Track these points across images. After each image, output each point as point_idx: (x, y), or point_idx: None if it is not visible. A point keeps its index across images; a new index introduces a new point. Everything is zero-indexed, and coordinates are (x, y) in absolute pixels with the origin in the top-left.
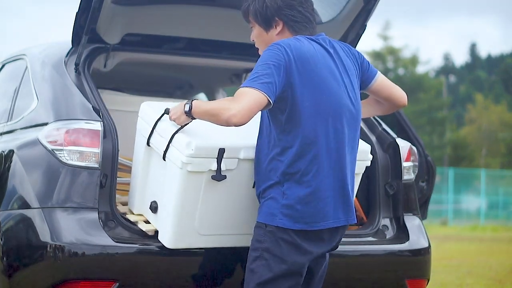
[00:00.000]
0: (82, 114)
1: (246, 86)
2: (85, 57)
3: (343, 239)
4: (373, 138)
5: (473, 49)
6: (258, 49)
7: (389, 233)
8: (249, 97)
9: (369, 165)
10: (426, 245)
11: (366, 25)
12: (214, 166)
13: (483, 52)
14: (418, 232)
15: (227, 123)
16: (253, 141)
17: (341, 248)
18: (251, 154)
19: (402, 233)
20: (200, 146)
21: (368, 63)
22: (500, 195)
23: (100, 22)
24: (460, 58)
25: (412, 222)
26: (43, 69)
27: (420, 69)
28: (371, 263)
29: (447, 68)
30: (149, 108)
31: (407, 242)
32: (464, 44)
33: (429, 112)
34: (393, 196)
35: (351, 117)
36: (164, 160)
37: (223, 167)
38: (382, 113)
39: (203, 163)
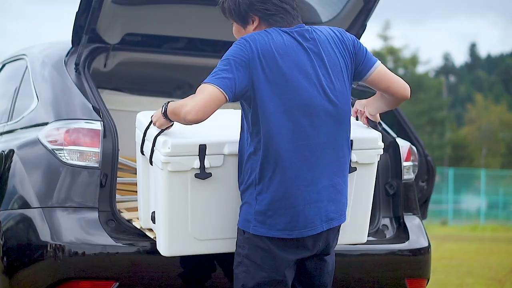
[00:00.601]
0: (82, 113)
1: (204, 82)
2: (85, 57)
3: None
4: None
5: (473, 49)
6: None
7: (389, 233)
8: (204, 93)
9: (382, 153)
10: (426, 244)
11: (366, 25)
12: (196, 164)
13: (483, 52)
14: (418, 232)
15: (184, 121)
16: (237, 135)
17: (341, 247)
18: (237, 149)
19: (402, 233)
20: (177, 144)
21: (366, 51)
22: (500, 195)
23: (100, 22)
24: (460, 58)
25: (412, 221)
26: (43, 69)
27: (420, 69)
28: (371, 263)
29: (447, 68)
30: (143, 117)
31: (407, 242)
32: (464, 44)
33: (429, 112)
34: (393, 195)
35: (329, 116)
36: (151, 164)
37: (207, 164)
38: (388, 107)
39: (183, 161)
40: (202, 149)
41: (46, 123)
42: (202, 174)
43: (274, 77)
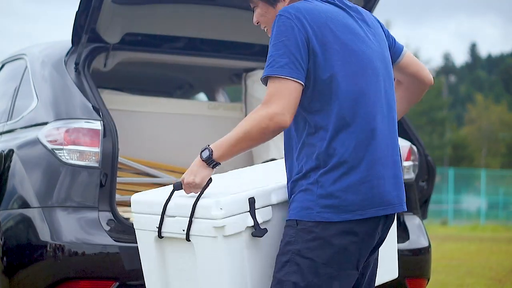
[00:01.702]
0: (82, 113)
1: (270, 75)
2: (85, 56)
3: None
4: None
5: (473, 49)
6: (266, 30)
7: None
8: (283, 89)
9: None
10: (426, 244)
11: None
12: (250, 221)
13: (483, 52)
14: (418, 232)
15: (274, 129)
16: (282, 180)
17: None
18: (284, 196)
19: (402, 233)
20: (229, 201)
21: (393, 36)
22: (500, 195)
23: (100, 22)
24: (460, 58)
25: (412, 221)
26: (43, 68)
27: None
28: None
29: (447, 68)
30: (146, 197)
31: (407, 242)
32: (464, 44)
33: (429, 112)
34: None
35: (387, 81)
36: (188, 240)
37: (259, 219)
38: (410, 104)
39: (238, 221)
40: (252, 202)
41: (46, 123)
42: (259, 231)
43: (330, 43)
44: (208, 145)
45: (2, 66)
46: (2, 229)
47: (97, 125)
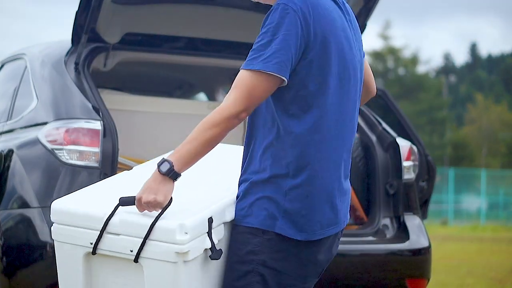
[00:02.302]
0: (82, 113)
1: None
2: (85, 56)
3: (343, 239)
4: (374, 138)
5: (473, 49)
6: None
7: (389, 233)
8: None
9: None
10: (427, 244)
11: (366, 25)
12: (208, 243)
13: (483, 52)
14: (419, 232)
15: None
16: (233, 188)
17: (341, 247)
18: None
19: (402, 233)
20: (193, 225)
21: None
22: (501, 195)
23: (100, 21)
24: (460, 58)
25: (412, 221)
26: (43, 68)
27: (420, 69)
28: (372, 263)
29: (447, 68)
30: (72, 207)
31: (407, 242)
32: (464, 44)
33: (429, 112)
34: (393, 195)
35: (359, 89)
36: (136, 261)
37: (214, 240)
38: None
39: (198, 244)
40: (210, 222)
41: (45, 123)
42: (216, 253)
43: (330, 53)
44: (163, 158)
45: (2, 66)
46: (2, 229)
47: (97, 125)
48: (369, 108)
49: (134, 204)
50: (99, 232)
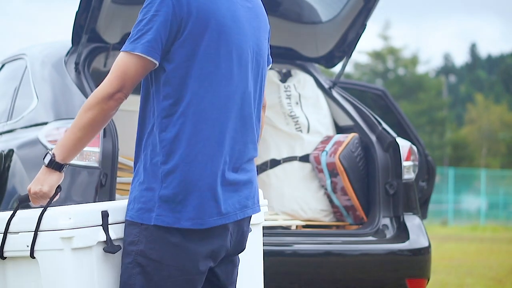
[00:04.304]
0: None
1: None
2: (85, 56)
3: (343, 239)
4: (373, 138)
5: (473, 49)
6: None
7: (389, 233)
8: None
9: None
10: (426, 244)
11: (366, 25)
12: (102, 236)
13: (483, 52)
14: (418, 232)
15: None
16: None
17: (341, 247)
18: None
19: (402, 233)
20: (79, 212)
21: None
22: (500, 195)
23: (100, 22)
24: (460, 58)
25: (412, 221)
26: (43, 68)
27: (420, 69)
28: (371, 263)
29: (447, 68)
30: None
31: (407, 242)
32: (464, 44)
33: (429, 112)
34: (393, 195)
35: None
36: (33, 257)
37: (112, 235)
38: None
39: (88, 234)
40: (105, 216)
41: (45, 123)
42: (111, 247)
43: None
44: (49, 150)
45: (2, 66)
46: None
47: None
48: (369, 108)
49: (29, 200)
50: (2, 234)
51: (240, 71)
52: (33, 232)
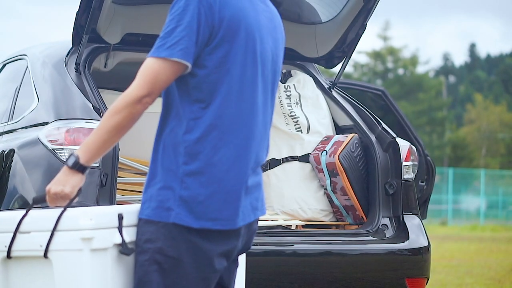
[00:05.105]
0: (83, 113)
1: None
2: (85, 56)
3: (343, 239)
4: (373, 138)
5: (472, 49)
6: None
7: (389, 232)
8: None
9: None
10: (426, 244)
11: (366, 25)
12: (118, 238)
13: (482, 52)
14: (418, 231)
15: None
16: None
17: (341, 247)
18: None
19: (402, 232)
20: (98, 213)
21: None
22: (500, 195)
23: (101, 22)
24: (460, 58)
25: (411, 221)
26: (44, 69)
27: (420, 69)
28: (371, 262)
29: (447, 68)
30: None
31: (406, 241)
32: (463, 44)
33: (429, 112)
34: (392, 195)
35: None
36: (46, 257)
37: (126, 238)
38: None
39: (106, 235)
40: (121, 218)
41: (46, 123)
42: (126, 248)
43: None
44: (73, 152)
45: (3, 66)
46: None
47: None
48: (369, 108)
49: (46, 201)
50: (12, 233)
51: (263, 78)
52: (50, 232)
